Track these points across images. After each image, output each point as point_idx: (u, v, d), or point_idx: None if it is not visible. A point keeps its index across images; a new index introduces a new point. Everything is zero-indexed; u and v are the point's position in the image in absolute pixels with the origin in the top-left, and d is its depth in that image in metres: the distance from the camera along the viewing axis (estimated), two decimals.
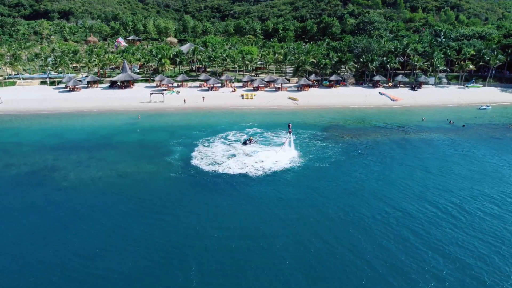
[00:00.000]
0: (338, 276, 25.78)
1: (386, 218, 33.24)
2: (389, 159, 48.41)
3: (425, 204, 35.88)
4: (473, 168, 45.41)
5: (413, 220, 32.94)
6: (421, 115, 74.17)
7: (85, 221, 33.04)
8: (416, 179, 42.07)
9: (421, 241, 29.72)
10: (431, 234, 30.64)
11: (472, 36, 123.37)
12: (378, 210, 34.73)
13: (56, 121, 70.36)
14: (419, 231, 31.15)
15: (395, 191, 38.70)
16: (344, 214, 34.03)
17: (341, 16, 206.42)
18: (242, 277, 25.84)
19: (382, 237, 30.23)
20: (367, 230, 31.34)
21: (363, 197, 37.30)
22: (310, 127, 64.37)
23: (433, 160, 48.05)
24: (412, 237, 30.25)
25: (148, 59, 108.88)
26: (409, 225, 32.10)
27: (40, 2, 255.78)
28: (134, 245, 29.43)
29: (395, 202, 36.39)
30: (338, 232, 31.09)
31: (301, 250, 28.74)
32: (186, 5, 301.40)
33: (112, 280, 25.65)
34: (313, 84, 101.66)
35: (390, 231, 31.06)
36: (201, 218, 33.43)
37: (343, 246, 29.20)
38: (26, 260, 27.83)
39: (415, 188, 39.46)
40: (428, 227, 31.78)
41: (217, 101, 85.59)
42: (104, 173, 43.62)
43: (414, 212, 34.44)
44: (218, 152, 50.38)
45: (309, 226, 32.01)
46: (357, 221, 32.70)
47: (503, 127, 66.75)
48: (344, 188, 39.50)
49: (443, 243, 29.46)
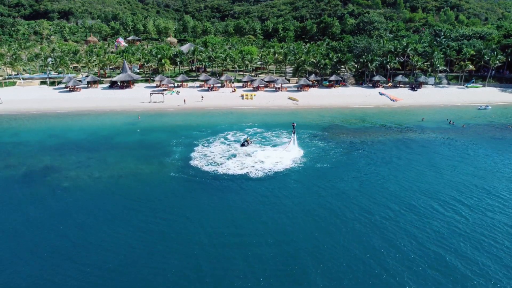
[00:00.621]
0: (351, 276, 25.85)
1: (395, 216, 33.40)
2: (390, 159, 48.44)
3: (431, 203, 35.94)
4: (478, 166, 45.76)
5: (422, 217, 33.14)
6: (421, 115, 74.24)
7: (85, 221, 33.05)
8: (419, 177, 42.10)
9: (437, 240, 29.86)
10: (441, 233, 30.70)
11: (472, 36, 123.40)
12: (385, 208, 34.90)
13: (56, 121, 70.38)
14: (428, 228, 31.37)
15: (400, 190, 38.78)
16: (350, 212, 34.08)
17: (341, 16, 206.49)
18: (242, 277, 25.91)
19: (392, 234, 30.57)
20: (374, 227, 31.55)
21: (366, 196, 37.29)
22: (310, 127, 64.42)
23: (434, 159, 48.06)
24: (424, 235, 30.39)
25: (148, 59, 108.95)
26: (418, 221, 32.32)
27: (40, 2, 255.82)
28: (134, 244, 29.48)
29: (402, 200, 36.51)
30: (343, 230, 31.15)
31: (304, 250, 28.79)
32: (186, 5, 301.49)
33: (112, 279, 25.73)
34: (313, 84, 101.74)
35: (400, 229, 31.29)
36: (201, 217, 33.45)
37: (351, 243, 29.30)
38: (26, 259, 27.86)
39: (421, 187, 39.48)
40: (439, 225, 31.98)
41: (217, 101, 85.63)
42: (104, 173, 43.66)
43: (421, 210, 34.60)
44: (218, 153, 50.41)
45: (309, 226, 32.06)
46: (363, 219, 32.86)
47: (503, 127, 66.84)
48: (344, 188, 39.48)
49: (451, 240, 29.66)
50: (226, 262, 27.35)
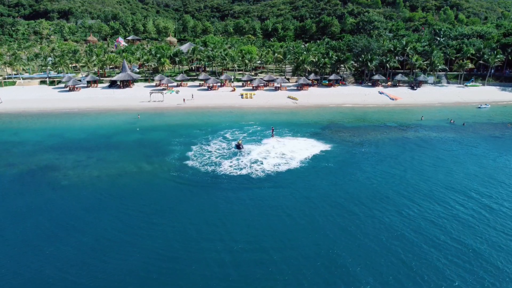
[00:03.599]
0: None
1: (407, 214, 33.60)
2: (390, 157, 48.53)
3: (434, 203, 36.06)
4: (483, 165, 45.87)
5: (431, 214, 33.36)
6: (420, 114, 74.22)
7: (85, 220, 33.12)
8: (422, 176, 42.15)
9: (449, 239, 30.08)
10: (450, 233, 30.88)
11: (471, 35, 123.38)
12: (391, 207, 35.02)
13: (56, 120, 70.40)
14: (440, 225, 31.65)
15: (403, 189, 38.89)
16: (351, 212, 34.21)
17: (341, 16, 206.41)
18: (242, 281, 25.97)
19: (403, 231, 30.91)
20: (377, 225, 31.68)
21: (368, 196, 37.38)
22: (309, 126, 64.45)
23: (436, 158, 48.17)
24: (440, 234, 30.50)
25: (147, 58, 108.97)
26: (428, 217, 32.48)
27: (39, 2, 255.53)
28: (133, 244, 29.53)
29: (407, 198, 36.74)
30: (344, 230, 31.26)
31: (303, 253, 28.87)
32: (185, 4, 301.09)
33: (112, 278, 25.76)
34: (313, 83, 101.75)
35: (410, 226, 31.52)
36: (200, 218, 33.54)
37: (354, 243, 29.38)
38: (25, 258, 27.90)
39: (424, 187, 39.56)
40: (448, 224, 32.15)
41: (217, 101, 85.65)
42: (104, 172, 43.70)
43: (426, 208, 34.77)
44: (217, 152, 50.45)
45: (309, 227, 32.15)
46: (367, 218, 33.00)
47: (502, 125, 66.89)
48: (345, 188, 39.55)
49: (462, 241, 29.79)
50: (231, 263, 27.41)
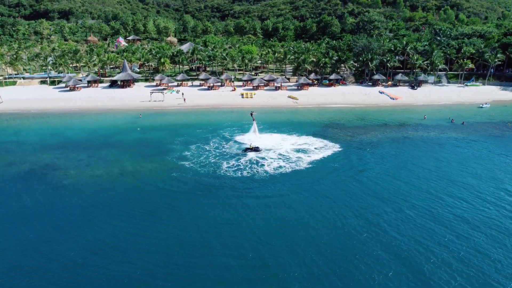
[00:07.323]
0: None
1: (410, 215, 33.49)
2: (390, 156, 48.60)
3: (441, 200, 35.99)
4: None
5: (437, 214, 33.32)
6: (421, 113, 74.20)
7: (85, 219, 33.19)
8: (424, 175, 42.17)
9: (457, 240, 29.85)
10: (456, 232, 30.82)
11: (472, 35, 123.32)
12: (394, 206, 34.93)
13: (57, 120, 70.52)
14: (447, 225, 31.60)
15: (408, 188, 38.85)
16: (353, 211, 34.23)
17: (341, 15, 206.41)
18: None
19: (409, 231, 30.69)
20: (377, 226, 31.61)
21: (369, 195, 37.39)
22: (310, 125, 64.51)
23: (436, 159, 48.23)
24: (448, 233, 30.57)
25: (148, 58, 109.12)
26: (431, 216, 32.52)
27: (40, 2, 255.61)
28: (132, 241, 29.60)
29: (412, 198, 36.59)
30: (345, 233, 31.31)
31: (300, 254, 28.94)
32: (186, 4, 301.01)
33: (111, 277, 25.83)
34: (313, 83, 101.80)
35: (413, 227, 31.41)
36: (200, 218, 33.60)
37: (355, 243, 29.43)
38: (25, 257, 27.98)
39: (426, 185, 39.54)
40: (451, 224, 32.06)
41: (217, 100, 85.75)
42: (104, 172, 43.77)
43: (432, 207, 34.66)
44: (217, 151, 50.50)
45: (310, 227, 32.20)
46: (368, 218, 32.94)
47: (502, 125, 66.92)
48: (346, 187, 39.62)
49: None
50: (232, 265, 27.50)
